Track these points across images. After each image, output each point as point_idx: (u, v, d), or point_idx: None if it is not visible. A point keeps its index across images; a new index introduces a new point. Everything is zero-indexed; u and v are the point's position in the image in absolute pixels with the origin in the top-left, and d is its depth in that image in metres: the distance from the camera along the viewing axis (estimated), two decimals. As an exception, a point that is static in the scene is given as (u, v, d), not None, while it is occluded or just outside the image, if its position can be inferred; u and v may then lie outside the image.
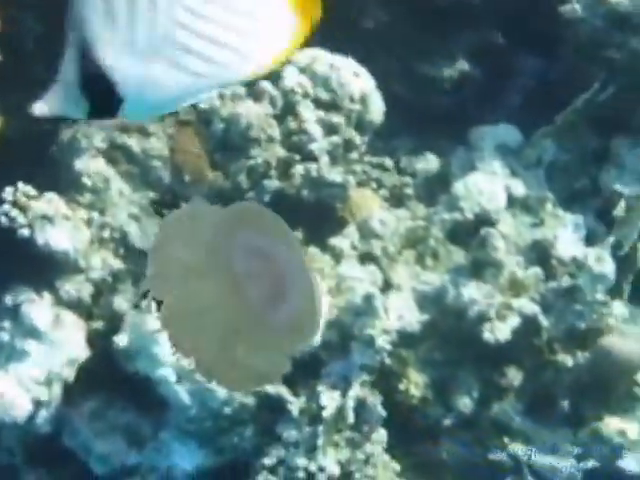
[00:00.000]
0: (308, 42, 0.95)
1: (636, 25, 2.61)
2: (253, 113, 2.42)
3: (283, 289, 0.89)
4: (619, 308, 2.56)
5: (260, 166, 2.41)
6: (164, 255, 0.90)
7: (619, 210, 2.64)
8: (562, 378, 2.49)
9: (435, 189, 2.68)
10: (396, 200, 2.66)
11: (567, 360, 2.48)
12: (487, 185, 2.57)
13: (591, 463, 2.45)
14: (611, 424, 2.49)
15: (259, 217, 0.90)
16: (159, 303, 0.92)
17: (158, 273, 0.90)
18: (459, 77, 2.77)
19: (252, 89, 2.44)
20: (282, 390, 2.31)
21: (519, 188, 2.63)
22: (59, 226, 2.29)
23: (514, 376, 2.44)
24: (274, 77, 2.47)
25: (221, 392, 2.30)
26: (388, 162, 2.69)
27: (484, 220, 2.53)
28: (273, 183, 2.41)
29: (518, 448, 2.45)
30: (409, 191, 2.67)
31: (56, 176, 2.36)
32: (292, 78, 2.46)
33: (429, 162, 2.73)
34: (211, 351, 0.89)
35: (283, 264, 0.89)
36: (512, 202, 2.61)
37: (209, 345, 0.89)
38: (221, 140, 2.42)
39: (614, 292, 2.59)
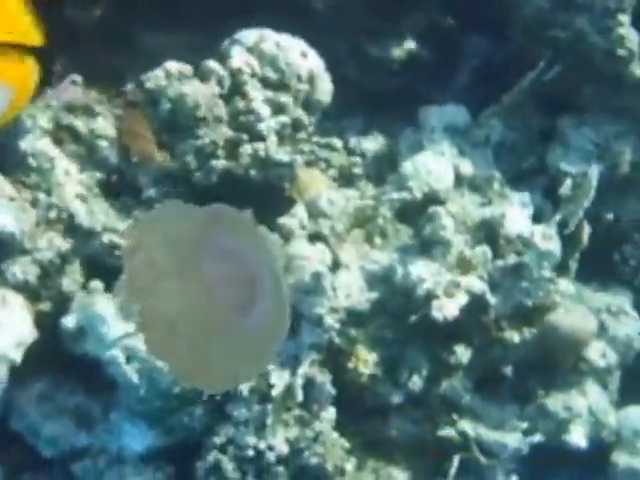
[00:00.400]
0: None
1: (581, 5, 2.63)
2: (200, 93, 2.41)
3: (254, 292, 0.89)
4: (565, 285, 2.60)
5: (207, 146, 2.40)
6: (137, 261, 0.89)
7: (565, 188, 2.67)
8: (509, 355, 2.52)
9: (384, 169, 2.69)
10: (345, 180, 2.67)
11: (514, 337, 2.50)
12: (435, 165, 2.59)
13: (537, 437, 2.48)
14: (557, 399, 2.53)
15: (232, 220, 0.90)
16: (134, 307, 0.91)
17: (132, 279, 0.89)
18: (408, 58, 2.78)
19: (199, 69, 2.44)
20: (231, 369, 2.31)
21: (467, 167, 2.65)
22: (4, 207, 2.27)
23: (462, 353, 2.46)
24: (221, 57, 2.47)
25: (170, 372, 2.30)
26: (337, 142, 2.69)
27: (432, 199, 2.54)
28: (220, 163, 2.41)
29: (467, 424, 2.47)
30: (358, 171, 2.68)
31: (1, 157, 2.34)
32: (239, 57, 2.46)
33: (378, 142, 2.74)
34: (183, 353, 0.89)
35: (254, 268, 0.90)
36: (460, 181, 2.63)
37: (181, 347, 0.89)
38: (168, 120, 2.41)
39: (561, 269, 2.62)
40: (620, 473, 2.50)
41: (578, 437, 2.51)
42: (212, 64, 2.44)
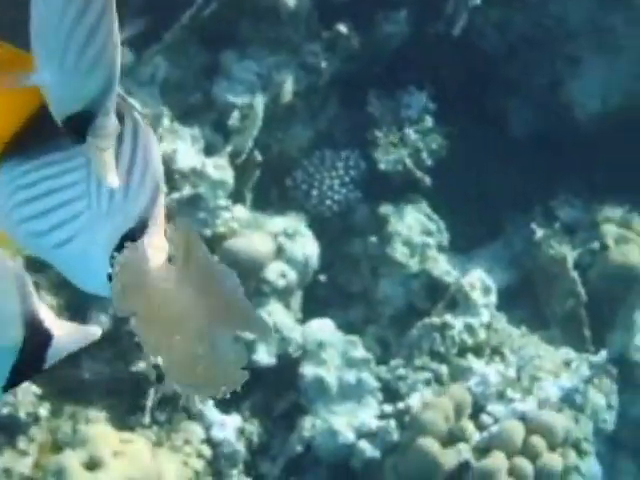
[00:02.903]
0: None
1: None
2: None
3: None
4: (241, 212, 2.69)
5: None
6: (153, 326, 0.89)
7: (233, 120, 2.75)
8: (194, 285, 2.58)
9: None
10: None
11: (197, 267, 2.56)
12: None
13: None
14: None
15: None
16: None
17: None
18: None
19: None
20: None
21: (135, 106, 2.66)
22: None
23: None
24: None
25: None
26: None
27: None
28: None
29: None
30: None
31: None
32: None
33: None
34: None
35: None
36: (130, 121, 2.64)
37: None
38: None
39: (236, 198, 2.71)
40: (309, 383, 2.63)
41: (266, 356, 2.61)
42: None
